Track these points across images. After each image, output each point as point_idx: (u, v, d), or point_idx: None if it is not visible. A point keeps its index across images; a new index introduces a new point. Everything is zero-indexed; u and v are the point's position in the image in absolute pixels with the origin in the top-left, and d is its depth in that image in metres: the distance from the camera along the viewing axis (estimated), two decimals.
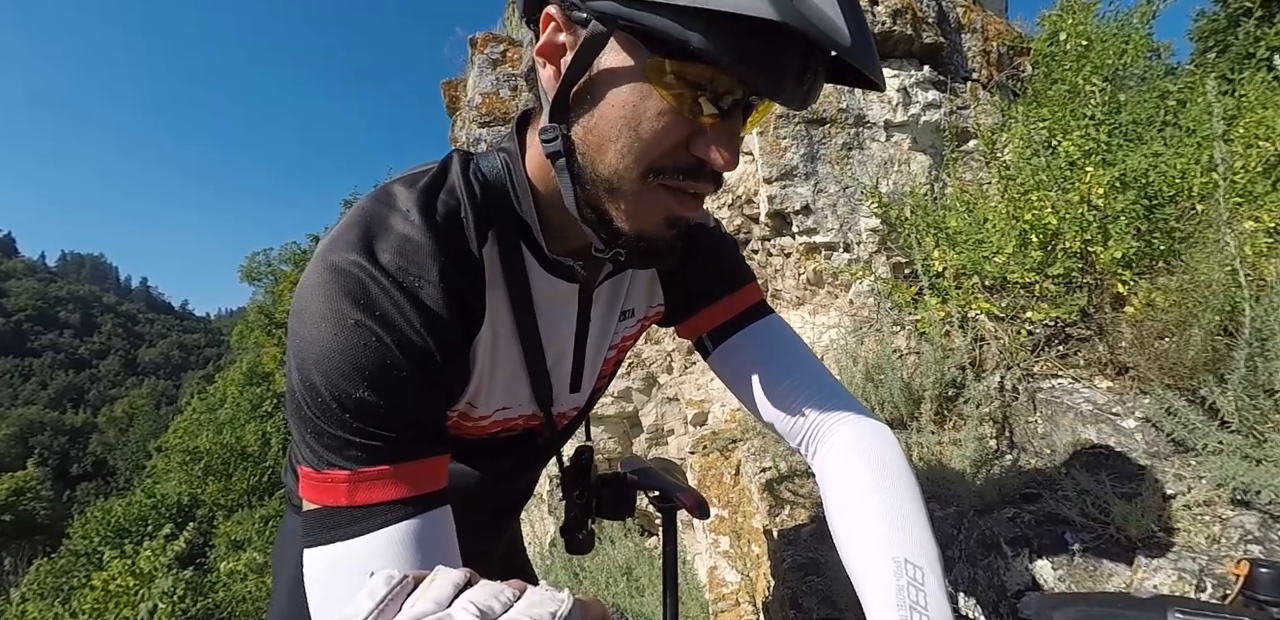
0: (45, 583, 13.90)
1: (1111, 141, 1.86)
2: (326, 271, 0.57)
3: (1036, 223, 1.74)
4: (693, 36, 0.48)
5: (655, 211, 0.60)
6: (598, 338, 0.84)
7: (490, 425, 0.80)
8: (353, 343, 0.55)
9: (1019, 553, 1.29)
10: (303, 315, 0.57)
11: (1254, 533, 1.16)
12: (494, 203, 0.66)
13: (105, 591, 7.80)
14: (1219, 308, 1.37)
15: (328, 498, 0.56)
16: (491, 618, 0.30)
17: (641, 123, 0.54)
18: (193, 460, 20.67)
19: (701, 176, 0.59)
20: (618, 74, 0.54)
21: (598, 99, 0.55)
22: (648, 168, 0.57)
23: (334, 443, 0.56)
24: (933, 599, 0.64)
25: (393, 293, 0.57)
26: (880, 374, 1.87)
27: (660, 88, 0.53)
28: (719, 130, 0.56)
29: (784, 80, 0.52)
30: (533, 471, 1.04)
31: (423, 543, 0.56)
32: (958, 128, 2.45)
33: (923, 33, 2.51)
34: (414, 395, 0.59)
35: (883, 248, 2.28)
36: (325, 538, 0.55)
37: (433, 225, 0.60)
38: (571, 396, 0.87)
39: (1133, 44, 2.29)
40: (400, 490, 0.56)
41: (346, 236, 0.59)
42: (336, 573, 0.55)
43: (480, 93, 3.57)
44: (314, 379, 0.55)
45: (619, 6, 0.49)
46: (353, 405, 0.55)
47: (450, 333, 0.62)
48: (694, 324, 0.90)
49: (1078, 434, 1.51)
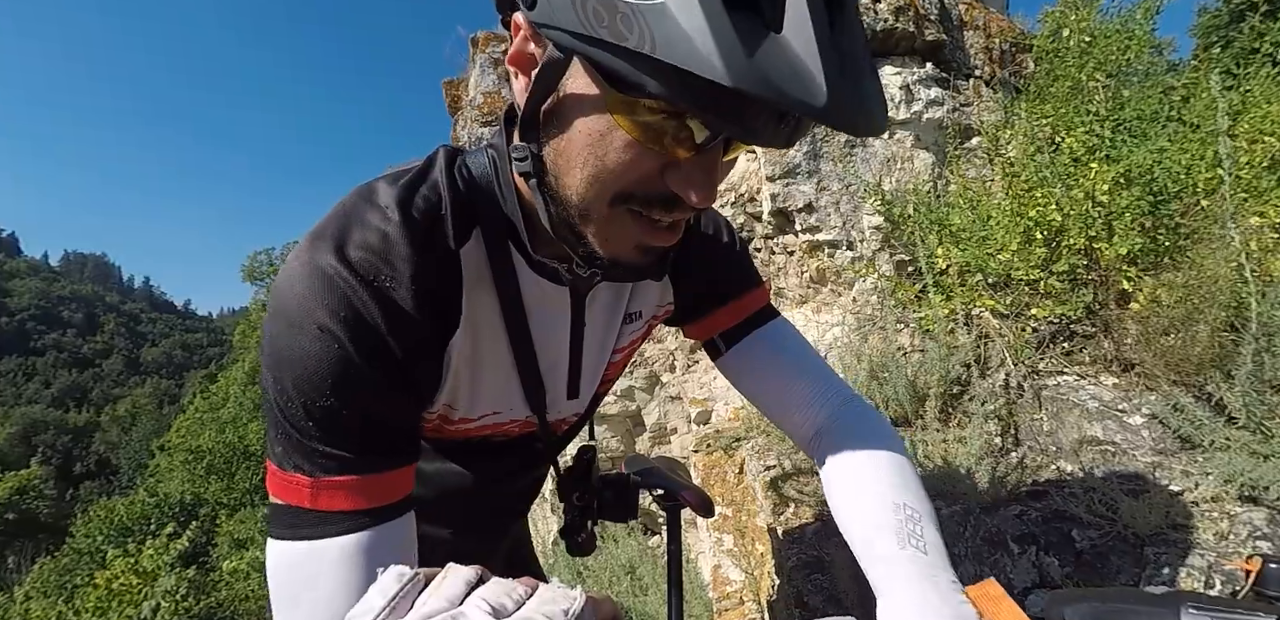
0: (49, 581, 13.94)
1: (1115, 137, 1.86)
2: (300, 268, 0.56)
3: (1041, 219, 1.74)
4: (648, 82, 0.43)
5: (626, 239, 0.57)
6: (597, 343, 0.82)
7: (477, 429, 0.78)
8: (318, 350, 0.55)
9: (1025, 550, 1.29)
10: (275, 318, 0.57)
11: (1262, 529, 1.15)
12: (479, 201, 0.65)
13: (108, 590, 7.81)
14: (1225, 303, 1.36)
15: (291, 497, 0.57)
16: (504, 615, 0.30)
17: (608, 153, 0.50)
18: (195, 459, 20.70)
19: (676, 207, 0.54)
20: (583, 101, 0.49)
21: (564, 122, 0.51)
22: (615, 196, 0.53)
23: (300, 448, 0.56)
24: (930, 536, 0.65)
25: (361, 293, 0.56)
26: (884, 372, 1.87)
27: (625, 122, 0.48)
28: (693, 164, 0.51)
29: (758, 126, 0.46)
30: (533, 474, 1.02)
31: (379, 551, 0.58)
32: (960, 125, 2.44)
33: (925, 30, 2.50)
34: (381, 402, 0.58)
35: (886, 245, 2.27)
36: (288, 534, 0.57)
37: (409, 222, 0.59)
38: (570, 403, 0.85)
39: (1136, 40, 2.28)
40: (361, 501, 0.57)
41: (324, 232, 0.58)
42: (294, 570, 0.57)
43: (482, 92, 3.56)
44: (285, 383, 0.55)
45: (573, 39, 0.44)
46: (318, 413, 0.55)
47: (421, 333, 0.60)
48: (707, 324, 0.89)
49: (1084, 431, 1.51)
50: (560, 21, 0.44)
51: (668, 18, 0.39)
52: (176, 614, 7.67)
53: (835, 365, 2.14)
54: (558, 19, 0.44)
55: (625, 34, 0.41)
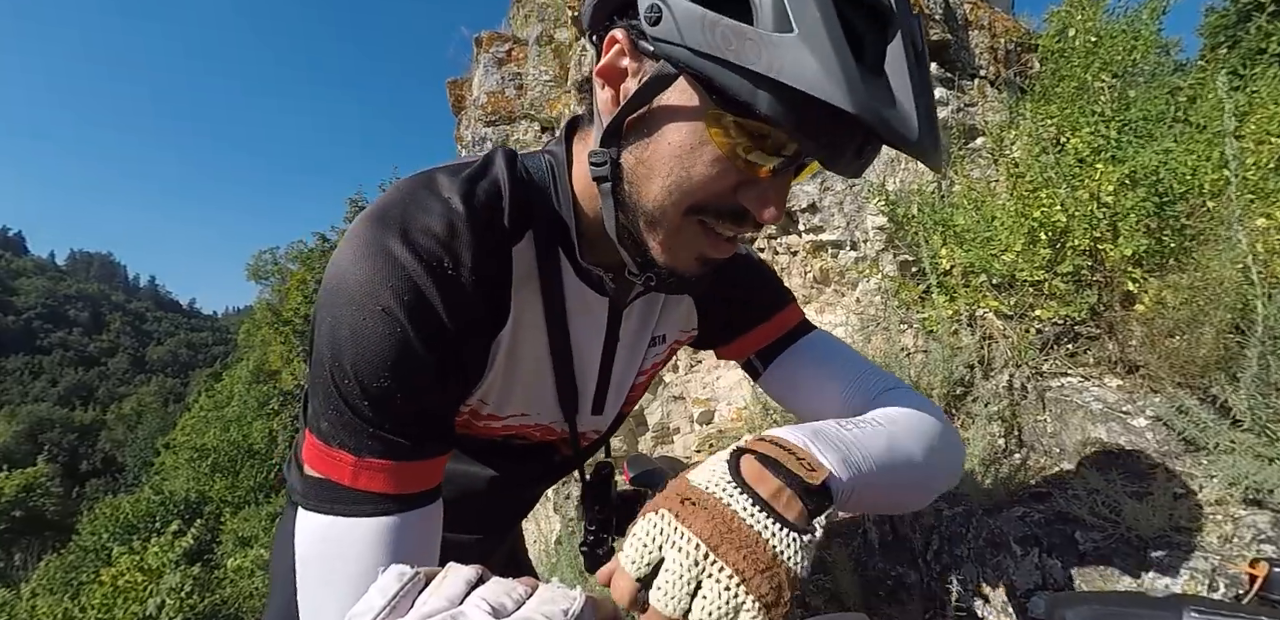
0: (55, 578, 14.02)
1: (1121, 138, 1.85)
2: (364, 248, 0.57)
3: (1045, 220, 1.73)
4: (761, 100, 0.47)
5: (690, 249, 0.60)
6: (625, 360, 0.83)
7: (501, 429, 0.79)
8: (381, 332, 0.56)
9: (1028, 552, 1.29)
10: (337, 294, 0.57)
11: (1267, 532, 1.15)
12: (535, 202, 0.66)
13: (114, 587, 7.86)
14: (1231, 305, 1.36)
15: (332, 472, 0.58)
16: (504, 615, 0.30)
17: (694, 165, 0.54)
18: (200, 457, 20.77)
19: (743, 222, 0.58)
20: (678, 113, 0.53)
21: (653, 132, 0.55)
22: (691, 207, 0.56)
23: (350, 425, 0.57)
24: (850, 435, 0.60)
25: (424, 277, 0.57)
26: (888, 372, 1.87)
27: (719, 136, 0.52)
28: (769, 184, 0.56)
29: (843, 153, 0.52)
30: (543, 484, 1.03)
31: (408, 536, 0.59)
32: (965, 125, 2.44)
33: (929, 29, 2.49)
34: (432, 387, 0.60)
35: (890, 246, 2.27)
36: (324, 507, 0.58)
37: (472, 214, 0.60)
38: (593, 418, 0.86)
39: (1142, 40, 2.27)
40: (398, 486, 0.59)
41: (386, 216, 0.59)
42: (327, 544, 0.58)
43: (485, 92, 3.57)
44: (343, 361, 0.57)
45: (692, 56, 0.48)
46: (374, 393, 0.57)
47: (476, 320, 0.62)
48: (739, 346, 0.90)
49: (1087, 433, 1.50)
50: (684, 39, 0.48)
51: (798, 49, 0.45)
52: (181, 611, 7.72)
53: None
54: (682, 37, 0.48)
55: (753, 58, 0.46)
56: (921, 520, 1.56)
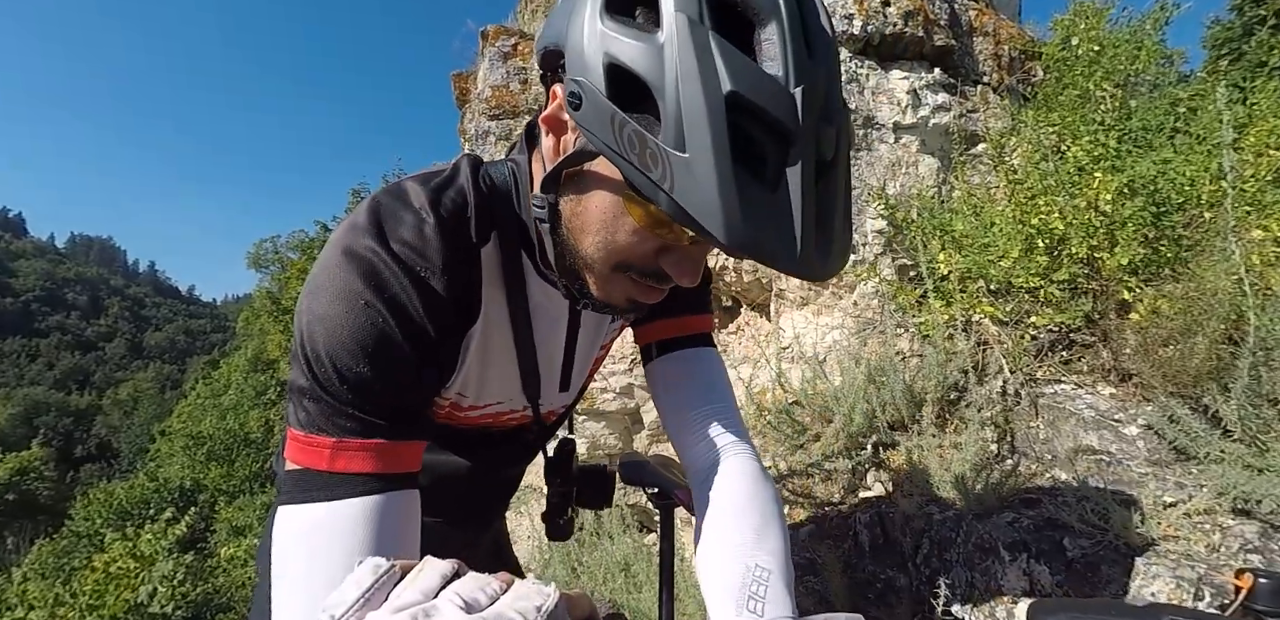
0: (47, 563, 14.02)
1: (1121, 148, 1.85)
2: (342, 255, 0.61)
3: (1043, 228, 1.73)
4: (661, 201, 0.49)
5: (620, 293, 0.65)
6: (588, 341, 0.89)
7: (480, 417, 0.85)
8: (361, 322, 0.59)
9: (1016, 558, 1.29)
10: (317, 293, 0.61)
11: (1254, 542, 1.15)
12: (499, 207, 0.71)
13: (106, 573, 7.85)
14: (1224, 316, 1.36)
15: (309, 460, 0.59)
16: (477, 610, 0.30)
17: (617, 231, 0.58)
18: (196, 445, 20.79)
19: (665, 280, 0.62)
20: (603, 183, 0.57)
21: (584, 191, 0.59)
22: (618, 264, 0.61)
23: (327, 410, 0.59)
24: (773, 594, 0.68)
25: (401, 278, 0.61)
26: (882, 376, 1.87)
27: (636, 212, 0.56)
28: (688, 252, 0.60)
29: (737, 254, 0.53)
30: (520, 465, 1.10)
31: (388, 518, 0.60)
32: (967, 131, 2.44)
33: (934, 35, 2.49)
34: (408, 375, 0.63)
35: (888, 250, 2.27)
36: (300, 497, 0.59)
37: (440, 221, 0.64)
38: (560, 395, 0.92)
39: (1145, 50, 2.27)
40: (377, 465, 0.60)
41: (362, 225, 0.62)
42: (303, 536, 0.59)
43: (490, 85, 3.57)
44: (319, 351, 0.59)
45: (605, 146, 0.50)
46: (352, 378, 0.59)
47: (449, 319, 0.66)
48: (650, 330, 0.96)
49: (1079, 440, 1.51)
50: (596, 133, 0.50)
51: (687, 171, 0.46)
52: (173, 599, 7.71)
53: (834, 368, 2.14)
54: (595, 127, 0.50)
55: (651, 166, 0.48)
56: (912, 524, 1.57)
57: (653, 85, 0.47)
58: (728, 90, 0.46)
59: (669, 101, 0.47)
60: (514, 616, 0.30)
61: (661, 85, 0.47)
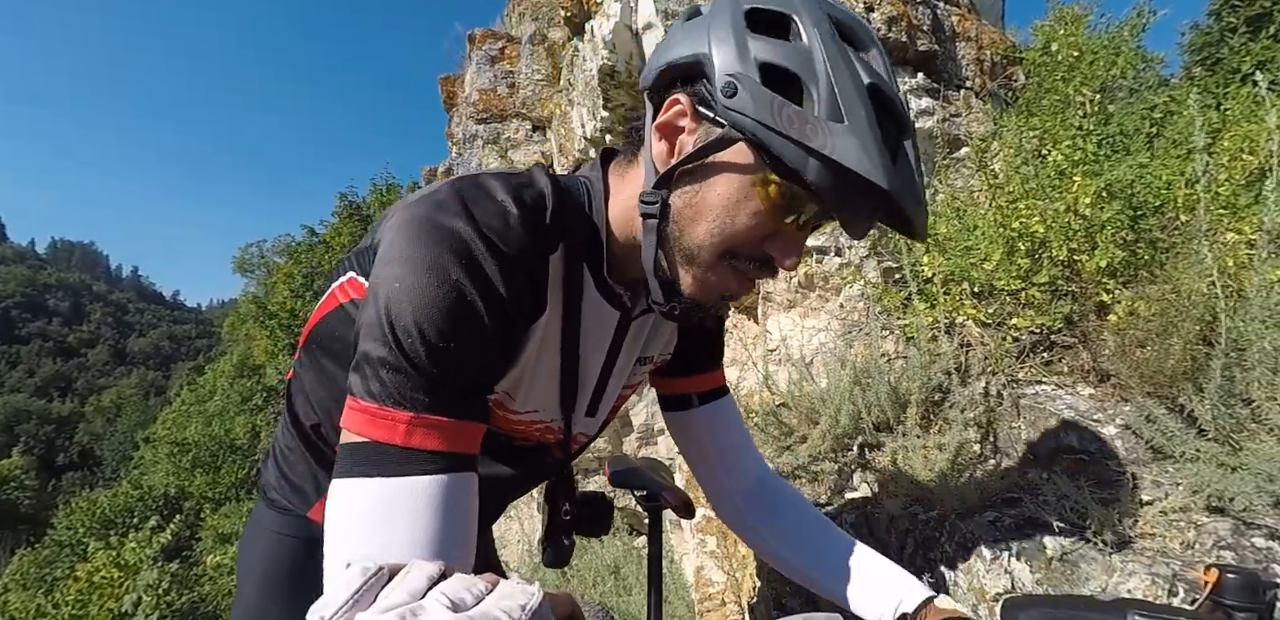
0: (28, 573, 13.81)
1: (1100, 152, 1.88)
2: (435, 231, 0.62)
3: (1024, 231, 1.76)
4: (810, 169, 0.58)
5: (717, 286, 0.69)
6: (620, 370, 0.91)
7: (517, 422, 0.84)
8: (451, 298, 0.60)
9: (998, 556, 1.31)
10: (407, 262, 0.61)
11: (1227, 539, 1.18)
12: (570, 215, 0.73)
13: (89, 583, 7.75)
14: (1199, 318, 1.39)
15: (382, 434, 0.59)
16: (464, 609, 0.31)
17: (737, 215, 0.64)
18: (181, 452, 20.56)
19: (765, 267, 0.68)
20: (730, 169, 0.63)
21: (703, 179, 0.65)
22: (726, 250, 0.66)
23: (407, 383, 0.59)
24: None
25: (489, 258, 0.63)
26: (868, 378, 1.89)
27: (762, 195, 0.63)
28: (794, 237, 0.67)
29: (860, 220, 0.65)
30: (529, 488, 1.08)
31: (456, 498, 0.60)
32: (950, 135, 2.47)
33: (917, 40, 2.53)
34: (490, 352, 0.65)
35: (874, 252, 2.29)
36: (370, 471, 0.58)
37: (523, 213, 0.66)
38: (586, 420, 0.93)
39: (1123, 56, 2.31)
40: (450, 444, 0.61)
41: (447, 204, 0.64)
42: (375, 506, 0.58)
43: (478, 89, 3.57)
44: (407, 321, 0.59)
45: (757, 127, 0.58)
46: (438, 352, 0.60)
47: (525, 306, 0.68)
48: (688, 383, 1.04)
49: (1059, 440, 1.53)
50: (754, 113, 0.59)
51: (847, 136, 0.57)
52: (158, 608, 7.61)
53: (820, 371, 2.16)
54: (753, 111, 0.59)
55: (811, 137, 0.57)
56: (897, 524, 1.59)
57: (804, 77, 0.59)
58: (868, 82, 0.60)
59: (823, 87, 0.58)
60: (499, 615, 0.31)
61: (813, 76, 0.59)
